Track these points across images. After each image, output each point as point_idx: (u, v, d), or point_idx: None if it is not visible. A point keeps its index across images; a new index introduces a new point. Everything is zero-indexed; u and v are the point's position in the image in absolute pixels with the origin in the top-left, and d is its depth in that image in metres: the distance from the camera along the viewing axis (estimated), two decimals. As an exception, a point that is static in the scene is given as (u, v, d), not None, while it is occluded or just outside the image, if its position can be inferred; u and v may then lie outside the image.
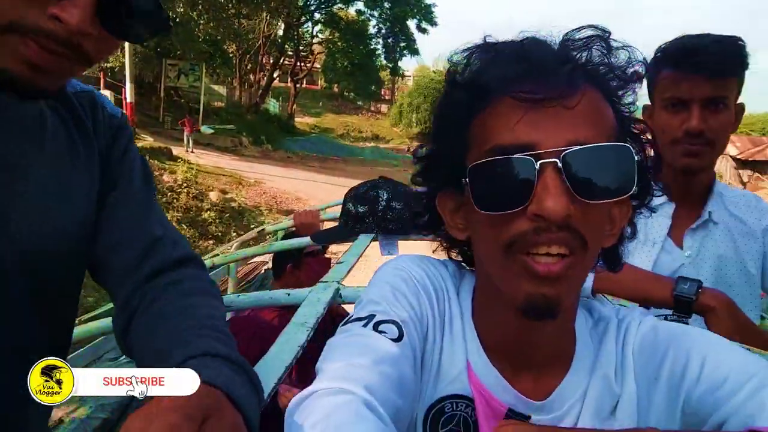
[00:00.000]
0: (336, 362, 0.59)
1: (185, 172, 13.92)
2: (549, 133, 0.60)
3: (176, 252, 0.88)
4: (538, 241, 0.60)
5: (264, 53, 34.48)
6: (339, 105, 50.89)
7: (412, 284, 0.73)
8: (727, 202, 1.48)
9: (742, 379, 0.60)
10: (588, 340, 0.72)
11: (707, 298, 1.13)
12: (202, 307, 0.79)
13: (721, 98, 1.31)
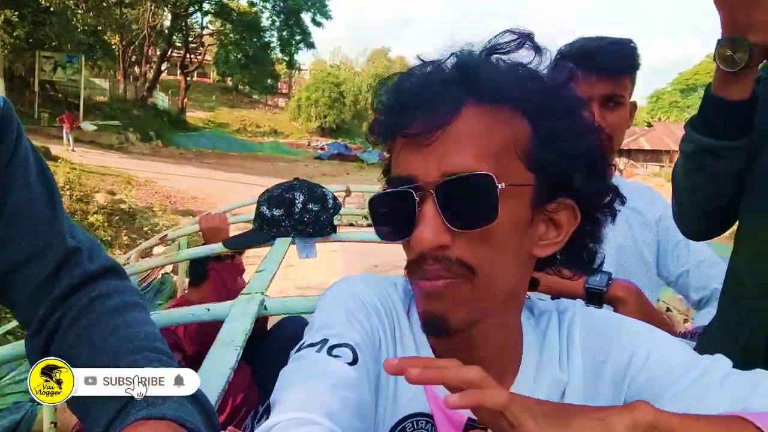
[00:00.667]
0: (294, 391, 0.57)
1: (67, 173, 12.90)
2: (426, 164, 0.61)
3: (94, 263, 0.79)
4: (417, 273, 0.63)
5: (150, 44, 32.70)
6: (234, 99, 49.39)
7: (363, 306, 0.71)
8: (623, 193, 1.58)
9: (686, 366, 0.63)
10: (533, 338, 0.73)
11: (617, 289, 1.20)
12: (138, 324, 0.73)
13: (618, 96, 1.39)
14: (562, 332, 0.72)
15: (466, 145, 0.60)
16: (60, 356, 0.71)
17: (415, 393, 0.69)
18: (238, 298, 1.12)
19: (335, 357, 0.62)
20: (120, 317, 0.73)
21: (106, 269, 0.81)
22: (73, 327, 0.72)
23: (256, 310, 1.04)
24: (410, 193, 0.61)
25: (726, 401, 0.59)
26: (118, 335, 0.70)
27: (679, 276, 1.57)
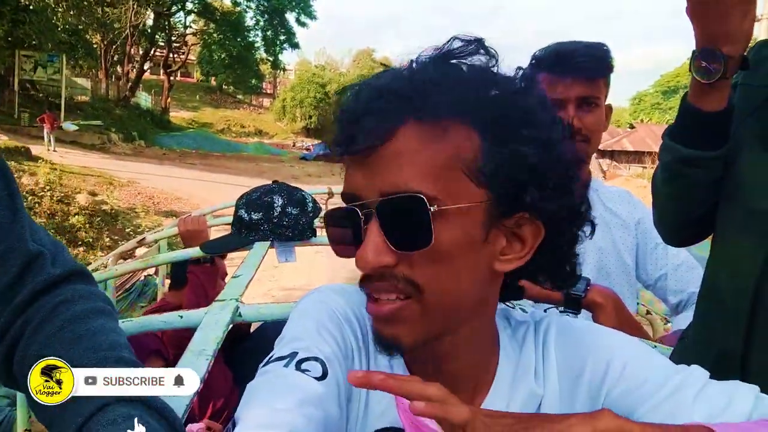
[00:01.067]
0: (257, 408, 0.55)
1: (47, 174, 12.71)
2: (367, 182, 0.60)
3: (58, 267, 0.77)
4: (366, 289, 0.63)
5: (132, 44, 32.33)
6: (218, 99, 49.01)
7: (336, 318, 0.69)
8: (603, 197, 1.60)
9: (662, 380, 0.63)
10: (509, 351, 0.71)
11: (595, 294, 1.20)
12: (102, 332, 0.71)
13: (593, 98, 1.41)
14: (538, 344, 0.71)
15: (402, 164, 0.58)
16: (22, 365, 0.69)
17: (386, 406, 0.68)
18: (213, 304, 1.10)
19: (303, 371, 0.60)
20: (84, 325, 0.71)
21: (71, 273, 0.78)
22: (36, 335, 0.70)
23: (229, 318, 1.02)
24: (355, 211, 0.60)
25: (701, 416, 0.59)
26: (81, 345, 0.68)
27: (657, 279, 1.58)
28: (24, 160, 14.10)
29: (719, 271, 1.03)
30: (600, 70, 1.41)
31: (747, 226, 0.96)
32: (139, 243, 2.65)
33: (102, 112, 26.88)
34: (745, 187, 0.97)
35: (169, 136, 31.42)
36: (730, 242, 1.01)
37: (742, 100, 1.00)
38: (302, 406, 0.55)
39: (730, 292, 0.98)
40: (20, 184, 11.42)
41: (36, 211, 10.53)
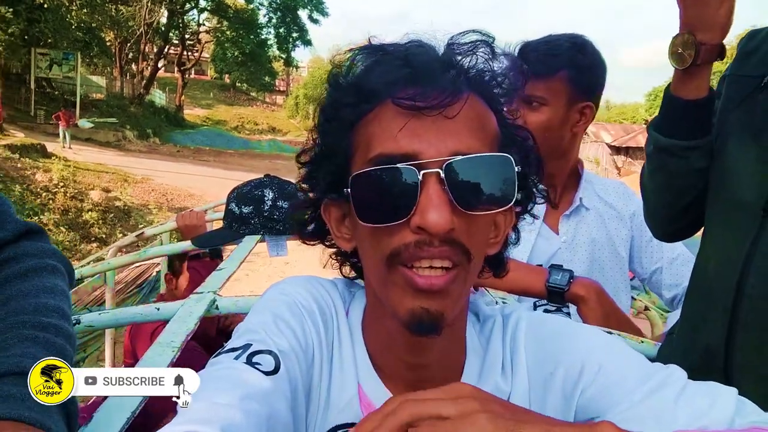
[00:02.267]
0: (197, 401, 0.53)
1: (62, 170, 12.89)
2: (432, 142, 0.57)
3: (5, 230, 0.76)
4: (420, 255, 0.57)
5: (146, 42, 32.59)
6: (232, 96, 49.31)
7: (297, 310, 0.68)
8: (597, 189, 1.57)
9: (639, 379, 0.61)
10: (477, 345, 0.70)
11: (578, 287, 1.18)
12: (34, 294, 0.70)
13: (534, 97, 1.36)
14: (506, 339, 0.70)
15: (472, 128, 0.59)
16: None
17: (348, 402, 0.66)
18: (190, 297, 1.09)
19: (253, 365, 0.58)
20: (18, 285, 0.71)
21: (19, 234, 0.78)
22: None
23: (203, 310, 1.01)
24: (413, 171, 0.57)
25: (683, 418, 0.57)
26: (7, 308, 0.67)
27: (652, 273, 1.55)
28: (39, 156, 14.30)
29: (705, 265, 1.01)
30: (550, 68, 1.34)
31: (731, 218, 0.94)
32: (138, 237, 2.66)
33: (117, 109, 27.16)
34: (731, 178, 0.95)
35: (183, 134, 31.70)
36: (715, 235, 0.98)
37: (731, 90, 0.98)
38: (244, 401, 0.53)
39: (714, 286, 0.96)
40: (35, 181, 11.59)
41: (50, 207, 10.67)
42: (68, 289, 0.78)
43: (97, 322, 1.05)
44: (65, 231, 10.02)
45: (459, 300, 0.61)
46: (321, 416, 0.66)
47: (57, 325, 0.68)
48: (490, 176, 0.59)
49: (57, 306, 0.71)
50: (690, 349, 1.00)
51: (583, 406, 0.62)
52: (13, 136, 15.87)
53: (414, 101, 0.57)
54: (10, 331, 0.64)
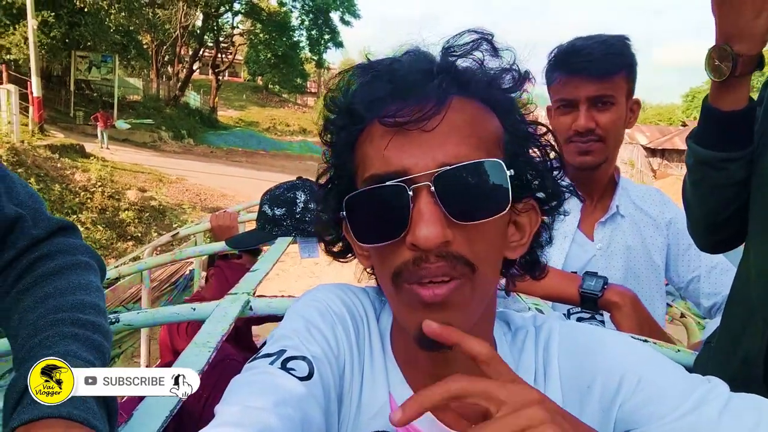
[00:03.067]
0: (233, 405, 0.54)
1: (99, 170, 13.23)
2: (418, 156, 0.57)
3: (39, 228, 0.78)
4: (419, 273, 0.57)
5: (182, 44, 33.23)
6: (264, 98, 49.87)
7: (329, 316, 0.68)
8: (633, 195, 1.54)
9: (681, 394, 0.60)
10: (508, 356, 0.69)
11: (612, 294, 1.16)
12: (71, 290, 0.72)
13: (606, 96, 1.36)
14: (538, 350, 0.69)
15: (461, 135, 0.58)
16: (2, 320, 0.71)
17: (379, 409, 0.67)
18: (225, 297, 1.11)
19: (288, 371, 0.59)
20: (54, 282, 0.72)
21: (54, 229, 0.79)
22: (11, 291, 0.72)
23: (238, 311, 1.03)
24: (403, 187, 0.56)
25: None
26: (46, 305, 0.68)
27: (689, 281, 1.52)
28: (78, 157, 14.70)
29: (747, 275, 0.98)
30: (613, 66, 1.35)
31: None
32: (173, 237, 2.71)
33: (153, 111, 27.73)
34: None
35: (217, 135, 32.15)
36: (757, 244, 0.96)
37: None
38: (279, 406, 0.54)
39: (754, 296, 0.93)
40: (73, 180, 11.92)
41: (88, 206, 10.96)
42: (101, 284, 0.80)
43: (135, 321, 1.07)
44: (102, 229, 10.27)
45: (468, 311, 0.59)
46: (353, 422, 0.67)
47: (94, 322, 0.70)
48: (481, 184, 0.58)
49: (93, 303, 0.72)
50: (729, 360, 0.97)
51: (622, 419, 0.61)
52: (54, 136, 16.36)
53: (395, 118, 0.57)
54: (51, 328, 0.65)
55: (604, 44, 1.34)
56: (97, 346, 0.67)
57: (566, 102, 1.38)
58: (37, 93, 15.66)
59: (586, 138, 1.37)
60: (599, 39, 1.35)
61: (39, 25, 16.80)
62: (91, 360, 0.64)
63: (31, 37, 15.48)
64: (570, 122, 1.38)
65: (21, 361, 0.62)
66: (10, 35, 18.34)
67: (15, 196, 0.77)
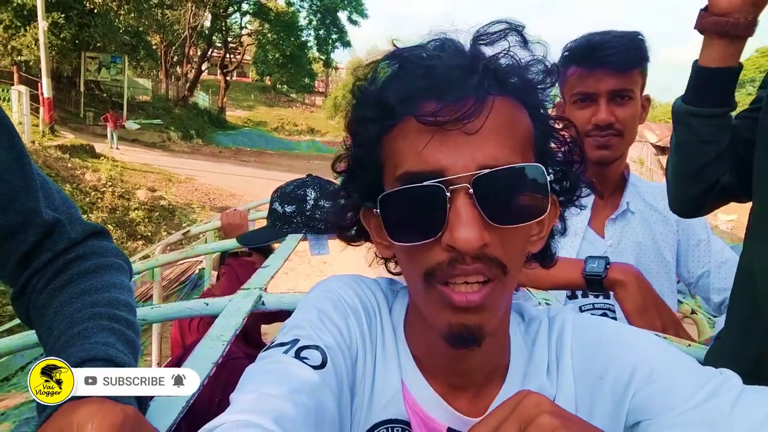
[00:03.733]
0: (249, 393, 0.55)
1: (109, 170, 13.32)
2: (458, 157, 0.56)
3: (75, 231, 0.79)
4: (454, 273, 0.57)
5: (190, 45, 33.40)
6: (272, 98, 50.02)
7: (342, 307, 0.69)
8: (643, 192, 1.54)
9: (693, 385, 0.60)
10: (522, 346, 0.70)
11: (615, 272, 1.16)
12: (106, 288, 0.74)
13: (626, 90, 1.37)
14: (551, 341, 0.69)
15: (499, 137, 0.57)
16: (36, 316, 0.73)
17: (391, 398, 0.67)
18: (237, 293, 1.13)
19: (302, 359, 0.60)
20: (90, 280, 0.74)
21: (86, 235, 0.81)
22: (46, 288, 0.74)
23: (250, 306, 1.04)
24: (441, 188, 0.56)
25: (741, 427, 0.56)
26: (82, 300, 0.70)
27: (699, 277, 1.52)
28: (88, 157, 14.81)
29: (755, 265, 0.98)
30: (633, 61, 1.35)
31: None
32: (184, 235, 2.73)
33: (162, 111, 27.89)
34: None
35: (225, 135, 32.31)
36: (760, 238, 0.96)
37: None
38: (294, 394, 0.55)
39: (760, 291, 0.93)
40: (84, 180, 12.01)
41: (98, 206, 11.04)
42: (131, 284, 0.82)
43: (150, 315, 1.09)
44: (112, 229, 10.33)
45: (497, 312, 0.60)
46: (365, 411, 0.67)
47: (128, 318, 0.72)
48: (521, 188, 0.58)
49: (127, 301, 0.75)
50: (739, 356, 0.97)
51: (634, 410, 0.61)
52: (64, 137, 16.48)
53: (435, 116, 0.55)
54: (89, 321, 0.67)
55: (623, 38, 1.34)
56: (130, 342, 0.69)
57: (585, 96, 1.38)
58: (48, 94, 15.79)
59: (605, 132, 1.37)
60: (616, 34, 1.35)
61: (49, 27, 16.93)
62: (127, 353, 0.66)
63: (42, 39, 15.59)
64: (589, 116, 1.38)
65: (60, 348, 0.64)
66: (21, 37, 18.50)
67: (51, 201, 0.79)
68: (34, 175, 0.76)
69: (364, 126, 0.64)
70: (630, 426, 0.62)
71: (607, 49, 1.32)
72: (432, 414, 0.66)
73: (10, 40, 18.62)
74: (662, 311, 1.13)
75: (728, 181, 1.11)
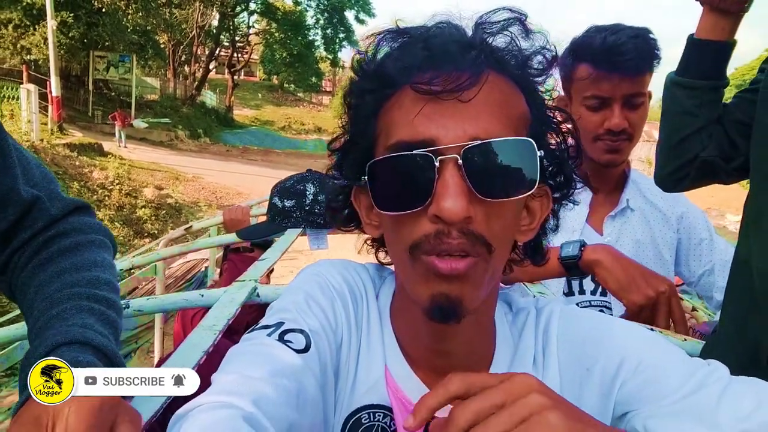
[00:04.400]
0: (229, 374, 0.55)
1: (117, 168, 13.40)
2: (449, 127, 0.56)
3: (56, 208, 0.79)
4: (440, 247, 0.56)
5: (198, 44, 33.50)
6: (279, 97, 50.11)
7: (328, 291, 0.69)
8: (643, 189, 1.53)
9: (680, 377, 0.59)
10: (508, 336, 0.70)
11: (589, 253, 1.14)
12: (86, 267, 0.73)
13: (640, 94, 1.34)
14: (538, 332, 0.69)
15: (493, 111, 0.57)
16: (18, 294, 0.73)
17: (374, 384, 0.67)
18: (232, 284, 1.13)
19: (285, 342, 0.60)
20: (70, 258, 0.73)
21: (69, 211, 0.81)
22: (27, 266, 0.74)
23: (244, 297, 1.05)
24: (430, 157, 0.55)
25: (726, 418, 0.56)
26: (62, 280, 0.70)
27: (701, 275, 1.51)
28: (96, 155, 14.91)
29: (751, 256, 0.97)
30: (648, 64, 1.32)
31: None
32: (187, 230, 2.74)
33: (170, 110, 27.99)
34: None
35: (233, 134, 32.40)
36: (757, 231, 0.95)
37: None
38: (275, 377, 0.55)
39: (757, 285, 0.92)
40: (91, 178, 12.08)
41: (106, 204, 11.11)
42: (114, 262, 0.82)
43: (146, 306, 1.10)
44: (120, 226, 10.41)
45: (479, 288, 0.59)
46: (348, 396, 0.67)
47: (108, 298, 0.71)
48: (511, 162, 0.57)
49: (108, 280, 0.74)
50: (735, 349, 0.97)
51: (621, 401, 0.61)
52: (72, 135, 16.60)
53: (430, 85, 0.56)
54: (68, 301, 0.67)
55: (637, 40, 1.30)
56: (111, 321, 0.69)
57: (600, 99, 1.34)
58: (57, 92, 15.91)
59: (618, 137, 1.35)
60: (629, 33, 1.31)
61: (58, 26, 17.05)
62: (106, 334, 0.65)
63: (51, 38, 15.71)
64: (600, 120, 1.35)
65: (38, 330, 0.64)
66: (31, 36, 18.66)
67: (30, 178, 0.78)
68: (11, 151, 0.75)
69: (361, 98, 0.65)
70: (617, 417, 0.62)
71: (624, 53, 1.28)
72: (414, 400, 0.66)
73: (20, 39, 18.78)
74: (651, 279, 1.08)
75: (708, 157, 1.11)
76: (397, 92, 0.60)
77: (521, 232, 0.65)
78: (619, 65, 1.29)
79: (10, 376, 3.25)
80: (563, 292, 1.45)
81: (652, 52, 1.32)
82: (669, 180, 1.19)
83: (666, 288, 1.06)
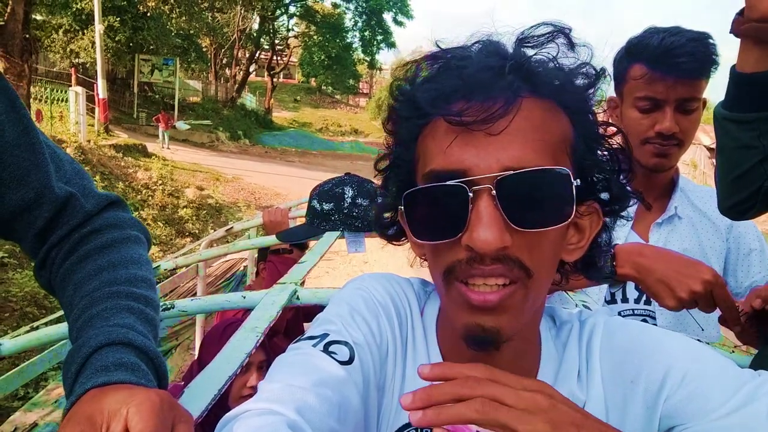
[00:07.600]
0: (275, 382, 0.56)
1: (160, 169, 13.74)
2: (481, 157, 0.55)
3: (90, 203, 0.79)
4: (472, 272, 0.56)
5: (239, 47, 34.12)
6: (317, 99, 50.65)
7: (373, 305, 0.69)
8: (692, 196, 1.48)
9: (728, 390, 0.58)
10: (553, 350, 0.69)
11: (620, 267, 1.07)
12: (123, 264, 0.74)
13: (694, 99, 1.30)
14: (582, 346, 0.68)
15: (527, 139, 0.56)
16: (58, 289, 0.75)
17: None
18: (273, 287, 1.15)
19: (329, 354, 0.61)
20: (107, 256, 0.74)
21: (103, 207, 0.81)
22: (65, 262, 0.75)
23: (285, 300, 1.06)
24: (463, 188, 0.55)
25: None
26: (100, 278, 0.71)
27: (749, 287, 1.45)
28: (141, 156, 15.33)
29: None
30: (706, 69, 1.28)
31: None
32: (227, 232, 2.80)
33: (211, 112, 28.58)
34: None
35: (271, 135, 32.86)
36: None
37: None
38: (318, 386, 0.56)
39: None
40: (136, 179, 12.41)
41: (149, 203, 11.40)
42: (149, 257, 0.82)
43: (189, 307, 1.12)
44: (162, 226, 10.65)
45: (518, 316, 0.59)
46: (394, 412, 0.67)
47: (146, 295, 0.72)
48: (545, 192, 0.56)
49: (145, 277, 0.75)
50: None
51: (667, 415, 0.60)
52: (118, 136, 17.10)
53: (461, 117, 0.55)
54: (107, 300, 0.68)
55: (696, 43, 1.25)
56: (150, 320, 0.70)
57: (652, 101, 1.31)
58: (103, 95, 16.45)
59: (667, 141, 1.31)
60: (689, 36, 1.26)
61: (105, 30, 17.62)
62: (146, 333, 0.67)
63: (98, 42, 16.26)
64: (652, 123, 1.31)
65: (79, 329, 0.66)
66: (79, 40, 19.36)
67: (63, 174, 0.79)
68: (44, 148, 0.75)
69: (398, 125, 0.65)
70: (663, 431, 0.61)
71: (683, 55, 1.24)
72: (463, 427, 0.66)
73: (69, 43, 19.51)
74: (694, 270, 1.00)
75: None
76: (432, 121, 0.60)
77: (568, 251, 0.64)
78: (675, 67, 1.25)
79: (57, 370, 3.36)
80: (605, 300, 1.42)
81: (710, 56, 1.27)
82: (734, 212, 1.13)
83: (710, 277, 0.98)
